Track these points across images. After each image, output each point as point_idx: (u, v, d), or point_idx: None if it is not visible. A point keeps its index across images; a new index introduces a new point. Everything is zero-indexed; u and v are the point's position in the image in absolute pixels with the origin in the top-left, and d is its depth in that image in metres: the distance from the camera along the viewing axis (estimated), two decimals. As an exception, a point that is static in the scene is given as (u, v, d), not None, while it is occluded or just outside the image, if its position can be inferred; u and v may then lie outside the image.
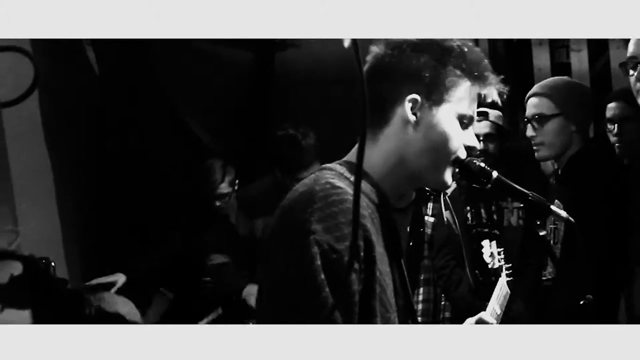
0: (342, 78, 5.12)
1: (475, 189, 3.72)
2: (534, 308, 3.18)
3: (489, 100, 1.58)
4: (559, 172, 3.07)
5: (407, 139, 1.51)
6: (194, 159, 4.53)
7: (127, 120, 4.60)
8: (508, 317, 3.03)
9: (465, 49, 1.52)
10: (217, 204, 4.24)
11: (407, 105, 1.50)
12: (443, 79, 1.50)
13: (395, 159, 1.52)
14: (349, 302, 1.34)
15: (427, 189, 3.51)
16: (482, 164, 1.66)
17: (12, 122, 3.55)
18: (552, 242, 2.96)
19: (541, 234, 1.74)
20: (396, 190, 1.57)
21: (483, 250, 3.28)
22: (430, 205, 3.80)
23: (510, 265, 3.16)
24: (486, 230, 3.66)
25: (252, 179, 4.60)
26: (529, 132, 3.02)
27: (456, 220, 3.67)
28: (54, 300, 0.93)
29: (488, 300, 2.87)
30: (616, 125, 2.93)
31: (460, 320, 2.03)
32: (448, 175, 1.58)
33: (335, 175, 1.45)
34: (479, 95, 1.55)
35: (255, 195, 3.84)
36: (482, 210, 3.78)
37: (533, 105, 3.02)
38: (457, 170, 1.60)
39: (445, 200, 3.69)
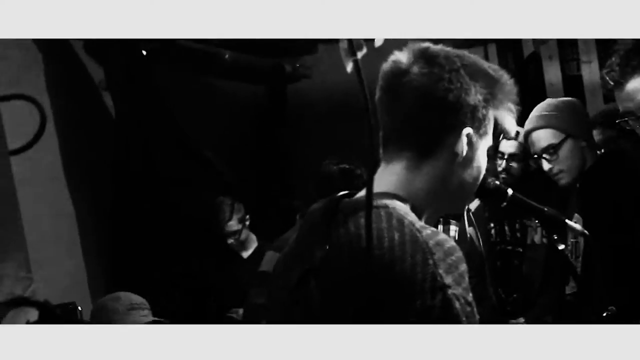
0: (356, 106, 5.18)
1: (498, 207, 3.72)
2: (560, 324, 3.15)
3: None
4: (577, 186, 3.04)
5: (452, 169, 1.44)
6: (209, 194, 4.57)
7: (144, 158, 4.65)
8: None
9: (508, 82, 1.48)
10: (229, 241, 4.32)
11: (464, 140, 1.42)
12: (488, 112, 1.45)
13: (437, 190, 1.46)
14: None
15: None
16: (497, 182, 1.65)
17: (22, 168, 3.63)
18: (572, 256, 2.92)
19: (560, 247, 1.72)
20: (432, 219, 1.51)
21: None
22: (452, 221, 3.78)
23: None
24: (509, 247, 3.63)
25: (265, 213, 4.64)
26: (545, 166, 2.99)
27: (479, 237, 3.64)
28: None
29: (511, 317, 2.84)
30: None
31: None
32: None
33: (407, 213, 1.37)
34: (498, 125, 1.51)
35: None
36: (506, 228, 3.76)
37: (538, 140, 2.98)
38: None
39: (469, 217, 3.66)
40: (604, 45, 3.17)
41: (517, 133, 3.40)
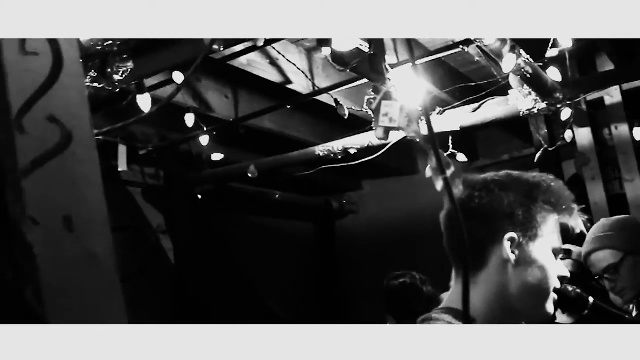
0: (402, 238, 5.32)
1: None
2: None
3: (577, 231, 1.60)
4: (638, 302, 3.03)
5: (507, 278, 1.50)
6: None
7: (205, 301, 4.73)
8: None
9: (552, 183, 1.55)
10: None
11: (507, 245, 1.48)
12: (535, 215, 1.51)
13: (498, 299, 1.50)
14: None
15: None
16: (579, 291, 1.68)
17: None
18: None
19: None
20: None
21: None
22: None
23: None
24: None
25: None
26: (608, 285, 3.01)
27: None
28: None
29: None
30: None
31: None
32: (550, 307, 1.56)
33: (448, 319, 1.44)
34: (566, 227, 1.56)
35: None
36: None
37: (598, 261, 3.02)
38: (555, 298, 1.57)
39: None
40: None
41: (570, 251, 3.42)
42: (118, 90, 3.04)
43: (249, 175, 4.29)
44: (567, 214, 1.55)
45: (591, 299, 1.69)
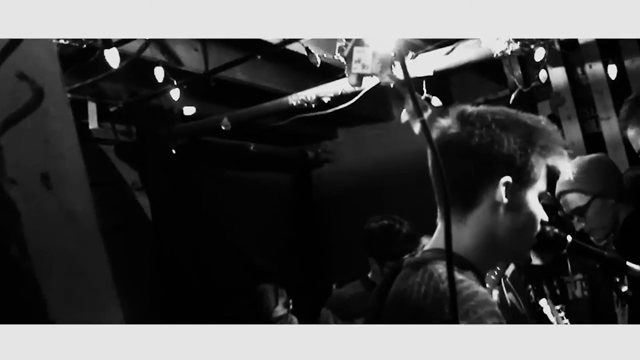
0: (380, 185, 5.34)
1: (533, 268, 3.76)
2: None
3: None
4: (614, 240, 3.09)
5: (498, 220, 1.49)
6: (250, 284, 4.61)
7: (183, 254, 4.73)
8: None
9: (548, 127, 1.53)
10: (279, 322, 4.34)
11: (502, 189, 1.47)
12: (530, 159, 1.50)
13: (486, 240, 1.51)
14: None
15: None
16: (556, 230, 1.68)
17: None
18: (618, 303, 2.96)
19: (623, 290, 1.75)
20: (485, 271, 1.57)
21: (544, 311, 3.27)
22: (493, 291, 3.80)
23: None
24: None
25: (308, 296, 4.66)
26: (577, 226, 3.07)
27: (520, 301, 3.66)
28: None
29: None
30: None
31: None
32: (530, 250, 1.59)
33: (443, 267, 1.42)
34: (552, 170, 1.56)
35: (347, 298, 3.85)
36: (545, 287, 3.77)
37: (567, 202, 3.09)
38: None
39: (506, 283, 3.70)
40: (620, 100, 3.28)
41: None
42: (85, 46, 2.98)
43: (223, 128, 4.26)
44: (558, 159, 1.54)
45: (569, 238, 1.68)
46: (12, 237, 0.69)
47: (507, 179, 1.47)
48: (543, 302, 3.33)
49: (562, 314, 3.22)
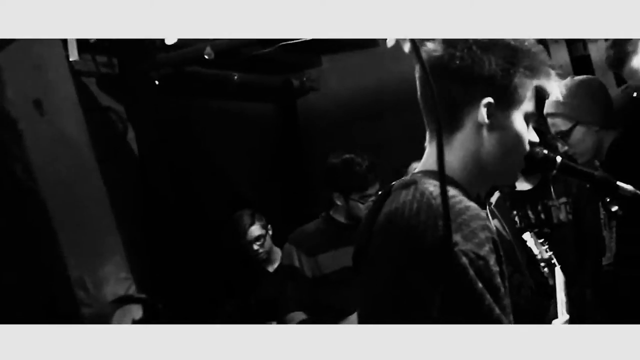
0: (366, 113, 5.29)
1: (517, 194, 3.79)
2: (601, 295, 3.19)
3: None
4: (601, 165, 3.10)
5: (482, 142, 1.50)
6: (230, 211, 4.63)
7: (167, 184, 4.72)
8: (579, 308, 3.06)
9: (532, 48, 1.52)
10: (255, 247, 4.36)
11: (483, 110, 1.48)
12: (514, 80, 1.49)
13: (473, 161, 1.52)
14: (503, 306, 1.33)
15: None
16: (545, 151, 1.68)
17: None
18: (606, 227, 2.99)
19: (613, 209, 1.76)
20: (473, 193, 1.56)
21: (528, 244, 3.32)
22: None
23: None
24: (536, 230, 3.67)
25: (287, 224, 4.70)
26: (560, 147, 3.08)
27: (505, 227, 3.70)
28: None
29: (552, 297, 2.88)
30: None
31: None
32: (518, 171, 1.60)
33: (433, 185, 1.43)
34: (541, 91, 1.55)
35: (310, 233, 3.85)
36: (529, 212, 3.81)
37: (551, 125, 3.10)
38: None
39: (491, 210, 3.72)
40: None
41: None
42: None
43: (206, 57, 4.18)
44: (544, 79, 1.53)
45: (559, 158, 1.69)
46: (16, 157, 0.69)
47: (488, 99, 1.48)
48: (527, 236, 3.37)
49: (546, 246, 3.26)
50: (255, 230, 4.39)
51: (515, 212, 3.79)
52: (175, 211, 4.62)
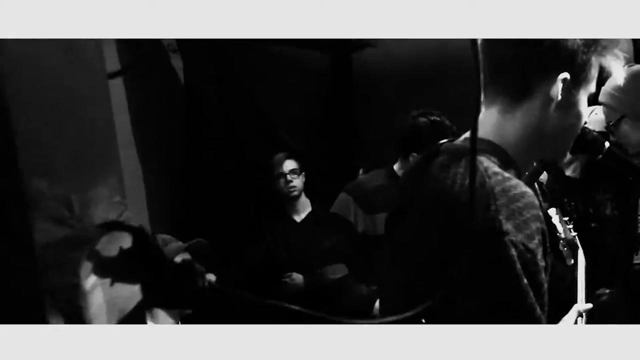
0: (421, 77, 5.13)
1: (567, 180, 3.64)
2: (629, 294, 3.11)
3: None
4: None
5: (546, 117, 1.43)
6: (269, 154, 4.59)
7: (213, 124, 4.68)
8: (607, 305, 2.97)
9: None
10: (289, 179, 4.36)
11: (560, 85, 1.41)
12: (591, 59, 1.43)
13: (532, 135, 1.45)
14: (542, 304, 1.28)
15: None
16: (595, 133, 1.66)
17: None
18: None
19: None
20: (526, 168, 1.53)
21: (552, 221, 3.20)
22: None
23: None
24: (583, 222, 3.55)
25: (328, 177, 4.61)
26: (611, 137, 3.02)
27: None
28: (164, 273, 0.90)
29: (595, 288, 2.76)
30: None
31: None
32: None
33: (492, 163, 1.37)
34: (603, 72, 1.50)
35: (370, 189, 3.67)
36: (579, 203, 3.69)
37: (602, 112, 3.05)
38: None
39: (542, 190, 3.59)
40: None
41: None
42: None
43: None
44: (612, 60, 1.46)
45: (607, 144, 1.65)
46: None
47: (566, 75, 1.41)
48: (552, 212, 3.24)
49: (571, 226, 3.15)
50: (290, 164, 4.40)
51: (566, 200, 3.67)
52: (212, 147, 4.58)
